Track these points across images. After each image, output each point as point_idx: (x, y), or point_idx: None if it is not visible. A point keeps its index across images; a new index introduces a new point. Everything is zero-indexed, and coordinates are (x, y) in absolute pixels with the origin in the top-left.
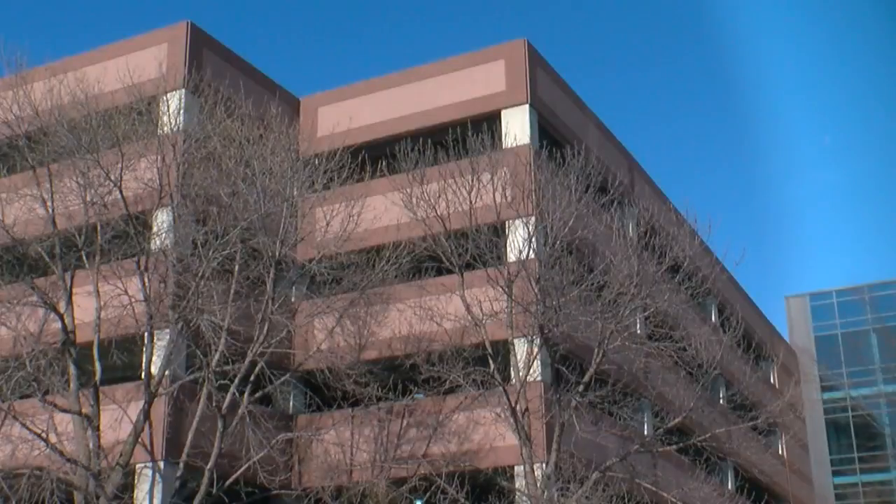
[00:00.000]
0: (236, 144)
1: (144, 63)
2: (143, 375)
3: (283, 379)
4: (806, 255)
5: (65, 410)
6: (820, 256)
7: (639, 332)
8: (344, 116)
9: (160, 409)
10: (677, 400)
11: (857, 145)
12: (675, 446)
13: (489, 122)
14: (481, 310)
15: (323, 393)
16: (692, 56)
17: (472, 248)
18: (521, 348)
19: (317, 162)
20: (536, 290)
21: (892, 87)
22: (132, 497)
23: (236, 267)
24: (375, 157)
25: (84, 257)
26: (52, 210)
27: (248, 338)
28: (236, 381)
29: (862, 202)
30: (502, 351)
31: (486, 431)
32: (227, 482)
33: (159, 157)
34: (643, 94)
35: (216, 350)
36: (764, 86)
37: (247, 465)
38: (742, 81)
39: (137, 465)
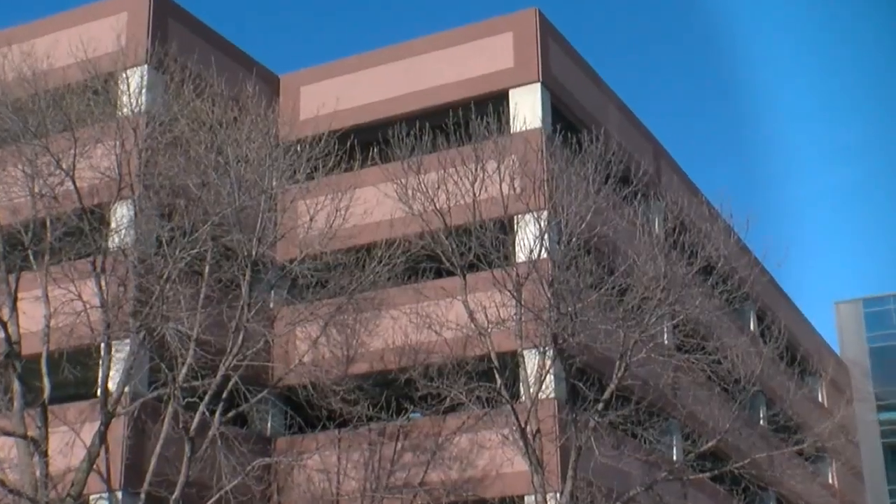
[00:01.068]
0: (207, 128)
1: (101, 35)
2: (98, 392)
3: (260, 396)
4: (859, 255)
5: (7, 433)
6: (875, 256)
7: (666, 342)
8: (330, 97)
9: (118, 430)
10: (711, 420)
11: None
12: (708, 474)
13: (495, 103)
14: (486, 317)
15: (306, 412)
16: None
17: (476, 247)
18: (531, 361)
19: (299, 148)
20: (549, 295)
21: None
22: None
23: (207, 268)
24: (366, 142)
25: (31, 257)
26: None
27: (221, 349)
28: (206, 398)
29: None
30: (510, 364)
31: (492, 456)
32: None
33: (118, 143)
34: (670, 70)
35: (183, 363)
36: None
37: (218, 495)
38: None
39: (92, 497)
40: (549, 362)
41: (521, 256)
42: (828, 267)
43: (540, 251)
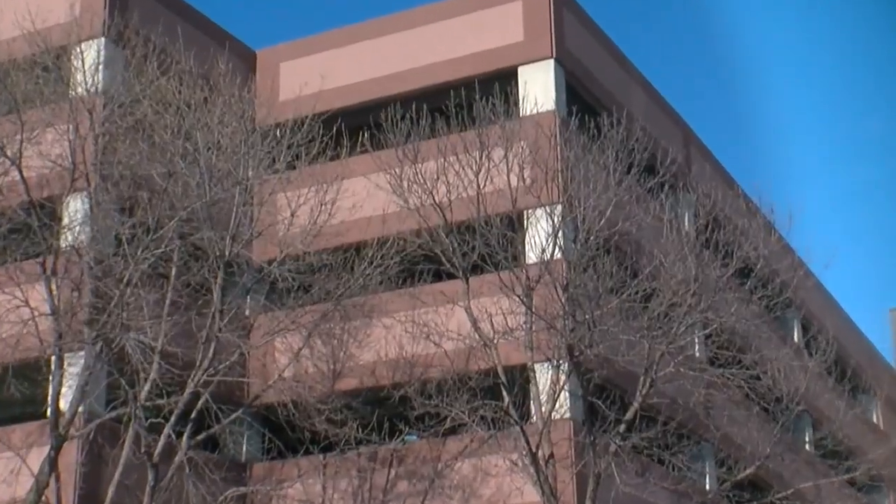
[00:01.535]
0: (173, 110)
1: (51, 3)
2: (48, 412)
3: (233, 416)
4: None
5: None
6: None
7: (697, 355)
8: (314, 75)
9: (71, 455)
10: (749, 444)
11: None
12: None
13: (502, 82)
14: (492, 326)
15: (286, 434)
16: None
17: (481, 246)
18: (543, 376)
19: (278, 134)
20: (564, 301)
21: None
22: None
23: (173, 270)
24: (355, 127)
25: None
26: None
27: (189, 362)
28: (172, 419)
29: None
30: (519, 379)
31: (499, 484)
32: None
33: (71, 127)
34: (702, 45)
35: (146, 379)
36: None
37: None
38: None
39: None
40: (563, 377)
41: (531, 257)
42: (882, 269)
43: (553, 251)
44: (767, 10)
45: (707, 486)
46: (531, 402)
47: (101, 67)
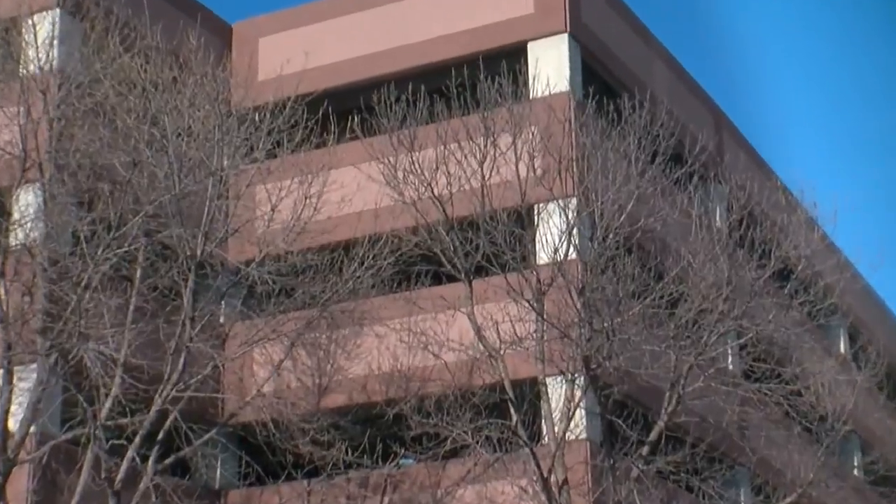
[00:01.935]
0: (138, 92)
1: None
2: None
3: (206, 437)
4: None
5: None
6: None
7: (731, 367)
8: (297, 51)
9: (22, 482)
10: (789, 469)
11: None
12: None
13: (510, 60)
14: (498, 335)
15: (265, 457)
16: None
17: (486, 245)
18: (556, 391)
19: (257, 118)
20: (579, 306)
21: None
22: None
23: (138, 272)
24: (343, 110)
25: None
26: None
27: (156, 376)
28: (137, 440)
29: None
30: (529, 395)
31: None
32: None
33: (22, 110)
34: (735, 17)
35: (107, 395)
36: None
37: None
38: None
39: None
40: (578, 393)
41: (542, 257)
42: None
43: (567, 250)
44: None
45: None
46: (542, 420)
47: (55, 42)
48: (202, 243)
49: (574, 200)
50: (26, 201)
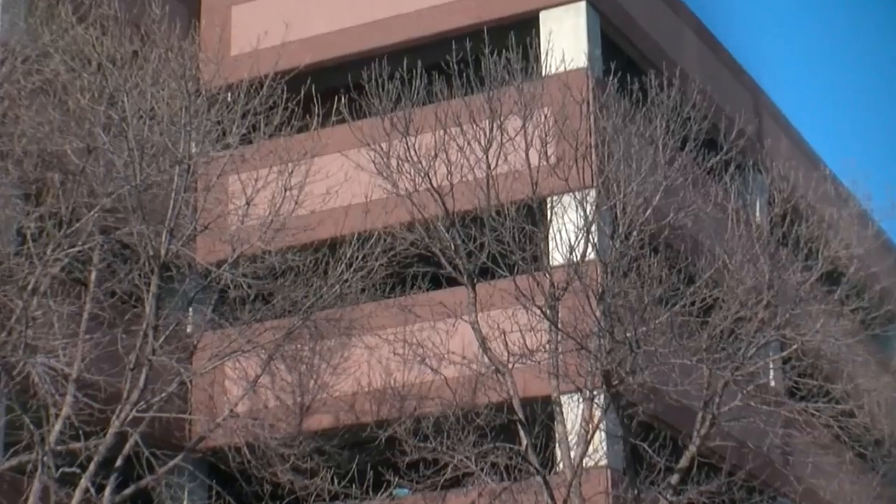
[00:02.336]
0: (93, 69)
1: None
2: None
3: (172, 464)
4: None
5: None
6: None
7: (773, 384)
8: (275, 21)
9: None
10: (839, 501)
11: None
12: None
13: (520, 32)
14: (506, 346)
15: (239, 487)
16: None
17: (491, 244)
18: (573, 411)
19: (230, 98)
20: (598, 314)
21: None
22: None
23: (93, 274)
24: (329, 89)
25: None
26: None
27: (114, 394)
28: (91, 467)
29: None
30: (542, 416)
31: None
32: None
33: None
34: None
35: (57, 415)
36: None
37: None
38: None
39: None
40: (598, 413)
41: (556, 257)
42: None
43: (585, 249)
44: None
45: None
46: (557, 445)
47: None
48: (167, 242)
49: (593, 192)
50: None
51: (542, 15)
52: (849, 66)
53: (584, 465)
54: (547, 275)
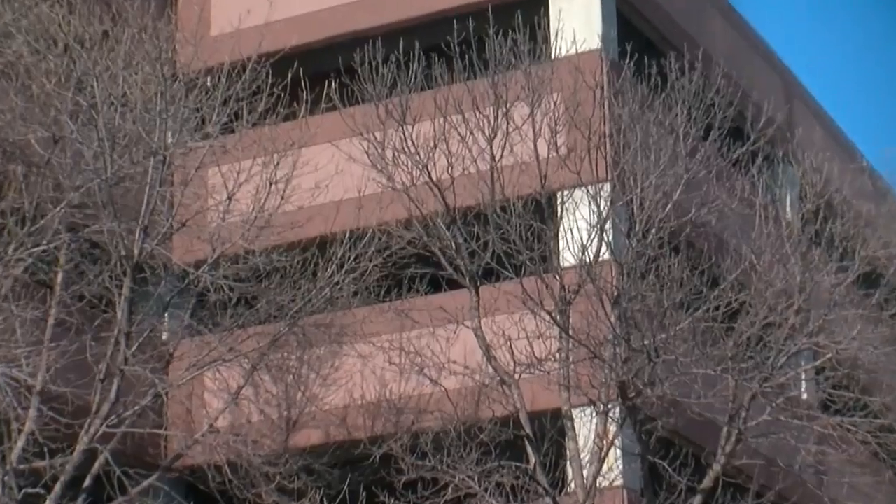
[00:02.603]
0: (59, 51)
1: None
2: None
3: (146, 484)
4: None
5: None
6: None
7: (805, 396)
8: (258, 1)
9: None
10: None
11: None
12: None
13: (527, 10)
14: (512, 355)
15: None
16: None
17: (496, 243)
18: (585, 426)
19: (209, 83)
20: (613, 320)
21: None
22: None
23: (60, 276)
24: (318, 73)
25: None
26: None
27: (82, 408)
28: (58, 488)
29: None
30: (552, 431)
31: None
32: None
33: None
34: None
35: (20, 431)
36: None
37: None
38: None
39: None
40: (613, 428)
41: (567, 257)
42: None
43: (599, 249)
44: None
45: None
46: (568, 463)
47: None
48: (140, 240)
49: (607, 186)
50: None
51: None
52: (888, 49)
53: (597, 485)
54: (557, 276)
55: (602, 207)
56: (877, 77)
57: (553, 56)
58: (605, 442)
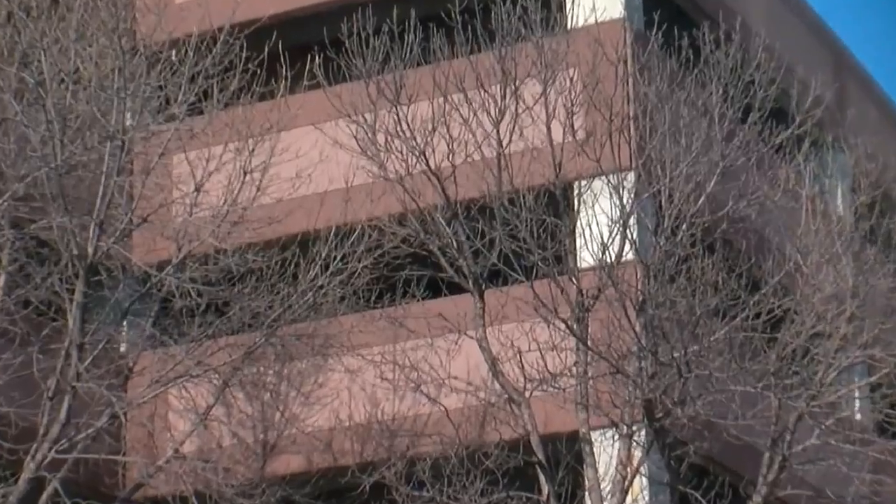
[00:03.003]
0: (1, 20)
1: None
2: None
3: None
4: None
5: None
6: None
7: (858, 417)
8: None
9: None
10: None
11: None
12: None
13: None
14: (522, 370)
15: None
16: None
17: (504, 241)
18: (606, 451)
19: (174, 57)
20: (638, 329)
21: None
22: None
23: (1, 279)
24: (299, 47)
25: None
26: None
27: (28, 430)
28: None
29: None
30: (568, 457)
31: None
32: None
33: None
34: None
35: None
36: None
37: None
38: None
39: None
40: (639, 454)
41: (585, 258)
42: None
43: (622, 248)
44: None
45: None
46: (586, 494)
47: None
48: (95, 237)
49: (631, 176)
50: None
51: None
52: None
53: None
54: (573, 279)
55: (625, 200)
56: None
57: (569, 26)
58: (628, 469)
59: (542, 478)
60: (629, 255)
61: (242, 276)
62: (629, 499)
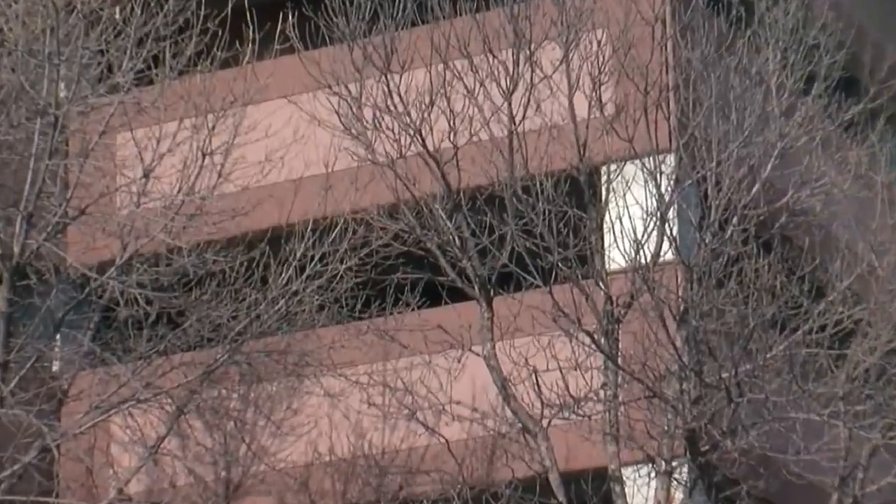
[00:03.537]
0: None
1: None
2: None
3: None
4: None
5: None
6: None
7: None
8: None
9: None
10: None
11: None
12: None
13: None
14: (538, 392)
15: None
16: None
17: (516, 239)
18: (641, 490)
19: (118, 16)
20: (679, 344)
21: None
22: None
23: None
24: (269, 3)
25: None
26: None
27: None
28: None
29: None
30: (595, 498)
31: None
32: None
33: None
34: None
35: None
36: None
37: None
38: None
39: None
40: (679, 495)
41: (615, 258)
42: None
43: (659, 246)
44: None
45: None
46: None
47: None
48: (23, 233)
49: (671, 159)
50: None
51: None
52: None
53: None
54: (601, 284)
55: (663, 188)
56: None
57: None
58: None
59: None
60: (668, 254)
61: (201, 279)
62: None
